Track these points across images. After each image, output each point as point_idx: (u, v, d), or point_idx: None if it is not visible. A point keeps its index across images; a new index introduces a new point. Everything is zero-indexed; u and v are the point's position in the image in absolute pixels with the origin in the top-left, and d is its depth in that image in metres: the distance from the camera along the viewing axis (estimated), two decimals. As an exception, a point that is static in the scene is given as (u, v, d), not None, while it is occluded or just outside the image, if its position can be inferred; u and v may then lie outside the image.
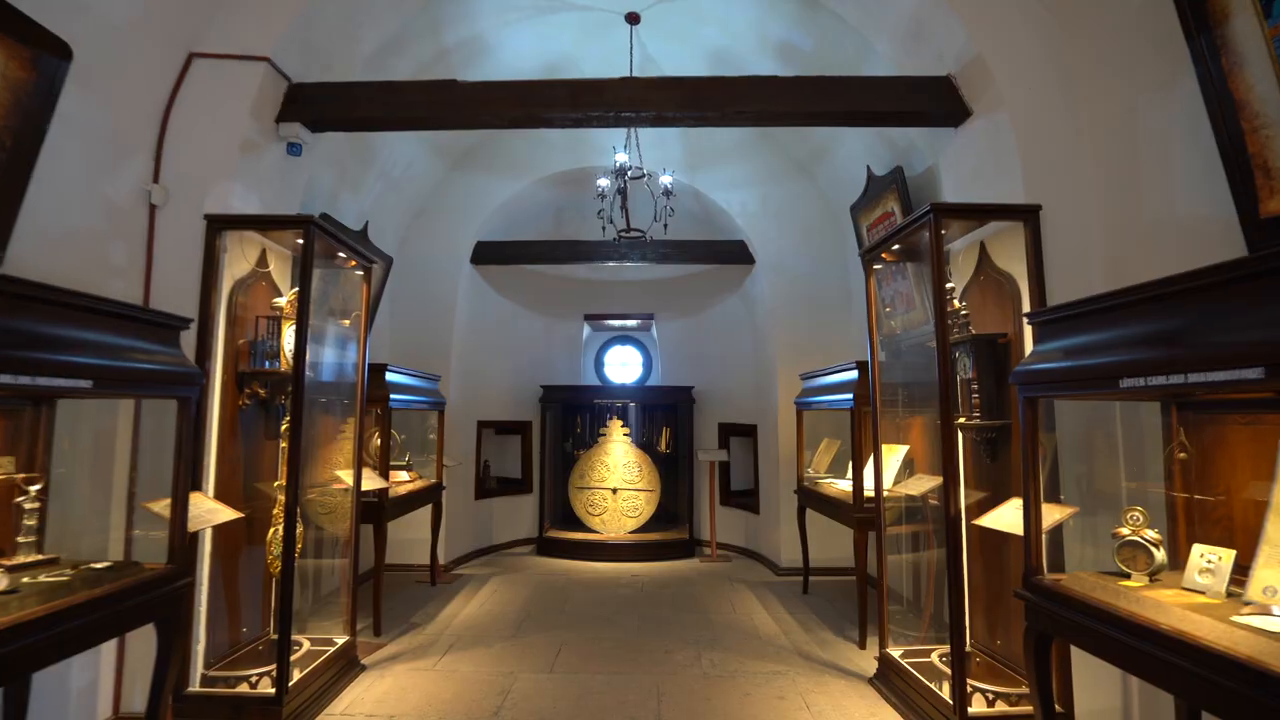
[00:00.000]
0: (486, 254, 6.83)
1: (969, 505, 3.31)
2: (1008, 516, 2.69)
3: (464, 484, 6.72)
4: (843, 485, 4.97)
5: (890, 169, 4.93)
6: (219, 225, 3.18)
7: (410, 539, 6.06)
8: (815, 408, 5.15)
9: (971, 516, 3.20)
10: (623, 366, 8.91)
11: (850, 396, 4.33)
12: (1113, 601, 1.94)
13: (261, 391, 3.42)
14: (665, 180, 5.21)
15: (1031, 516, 2.29)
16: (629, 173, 4.99)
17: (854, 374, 4.44)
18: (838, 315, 6.34)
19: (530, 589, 5.56)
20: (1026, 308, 3.09)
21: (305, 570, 4.40)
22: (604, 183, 5.24)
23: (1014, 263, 3.25)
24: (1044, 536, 2.39)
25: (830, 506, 4.73)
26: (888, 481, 3.92)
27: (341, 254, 3.82)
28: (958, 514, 2.86)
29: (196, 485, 3.02)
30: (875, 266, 3.93)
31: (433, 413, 5.81)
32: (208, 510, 2.75)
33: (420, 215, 6.51)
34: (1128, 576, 2.09)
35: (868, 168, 5.20)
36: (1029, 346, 3.08)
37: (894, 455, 4.20)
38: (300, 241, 3.23)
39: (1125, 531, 2.13)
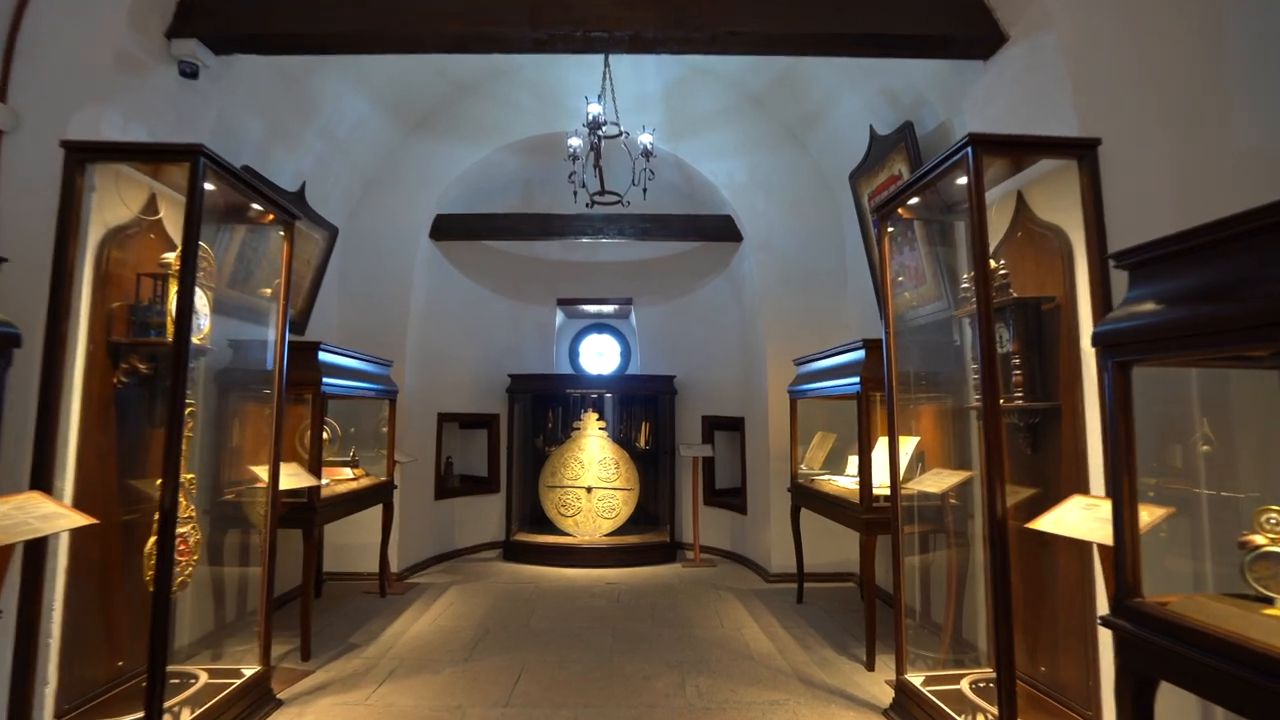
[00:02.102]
0: (447, 228, 6.18)
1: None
2: (1073, 519, 2.14)
3: (423, 482, 6.07)
4: (842, 482, 4.42)
5: (896, 127, 4.40)
6: (81, 155, 2.51)
7: (360, 544, 5.41)
8: (812, 395, 4.59)
9: (1011, 518, 2.66)
10: (599, 357, 8.31)
11: (857, 380, 3.77)
12: (1272, 641, 1.38)
13: (142, 367, 2.76)
14: (645, 139, 4.61)
15: (1126, 521, 1.73)
16: (604, 127, 4.39)
17: (860, 354, 3.88)
18: (833, 296, 5.80)
19: (492, 600, 4.94)
20: (1082, 263, 2.55)
21: (220, 584, 3.74)
22: (575, 142, 4.62)
23: (1062, 213, 2.71)
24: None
25: (830, 506, 4.17)
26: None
27: (257, 205, 3.17)
28: (1004, 516, 2.31)
29: (44, 483, 2.36)
30: (889, 228, 3.37)
31: (383, 402, 5.15)
32: (42, 516, 2.10)
33: (373, 184, 5.84)
34: (1270, 601, 1.54)
35: (870, 127, 4.66)
36: (1085, 310, 2.55)
37: (904, 447, 3.66)
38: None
39: (1261, 540, 1.59)
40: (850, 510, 3.81)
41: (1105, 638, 2.45)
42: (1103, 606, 2.46)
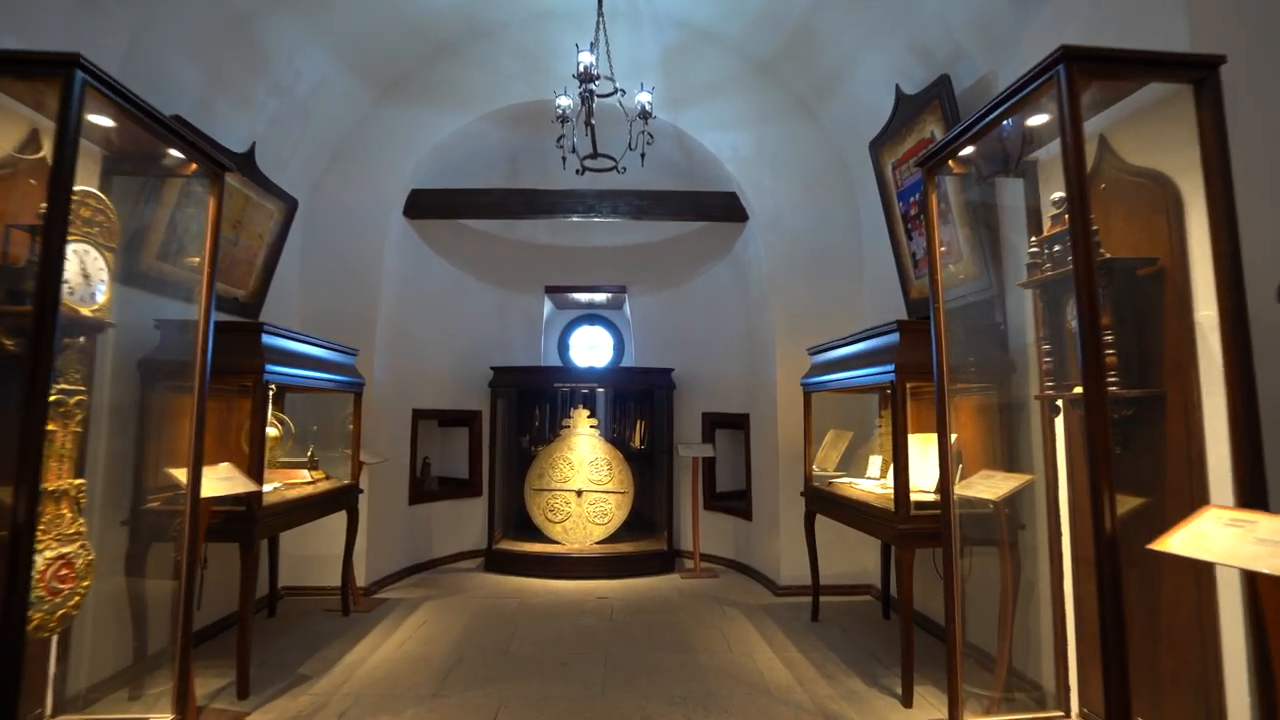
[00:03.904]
0: (424, 204, 5.61)
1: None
2: (1217, 540, 1.61)
3: (396, 486, 5.50)
4: (865, 486, 3.90)
5: (927, 85, 3.89)
6: (-79, 66, 1.96)
7: (323, 555, 4.83)
8: (832, 387, 4.06)
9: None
10: (590, 350, 7.76)
11: (891, 368, 3.24)
12: None
13: (9, 343, 2.19)
14: (643, 98, 4.07)
15: (1351, 546, 1.21)
16: (596, 83, 3.84)
17: (894, 337, 3.36)
18: (848, 282, 5.28)
19: (469, 618, 4.37)
20: (1197, 214, 2.03)
21: (141, 608, 3.15)
22: (565, 101, 4.09)
23: (1163, 156, 2.20)
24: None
25: (855, 514, 3.64)
26: (933, 481, 2.85)
27: (174, 152, 2.61)
28: (1115, 534, 1.78)
29: None
30: (935, 188, 2.84)
31: (348, 396, 4.58)
32: None
33: (339, 152, 5.26)
34: None
35: (896, 87, 4.14)
36: (1203, 274, 2.03)
37: (933, 446, 3.15)
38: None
39: None
40: (882, 519, 3.28)
41: (1236, 686, 1.93)
42: (1231, 646, 1.95)
